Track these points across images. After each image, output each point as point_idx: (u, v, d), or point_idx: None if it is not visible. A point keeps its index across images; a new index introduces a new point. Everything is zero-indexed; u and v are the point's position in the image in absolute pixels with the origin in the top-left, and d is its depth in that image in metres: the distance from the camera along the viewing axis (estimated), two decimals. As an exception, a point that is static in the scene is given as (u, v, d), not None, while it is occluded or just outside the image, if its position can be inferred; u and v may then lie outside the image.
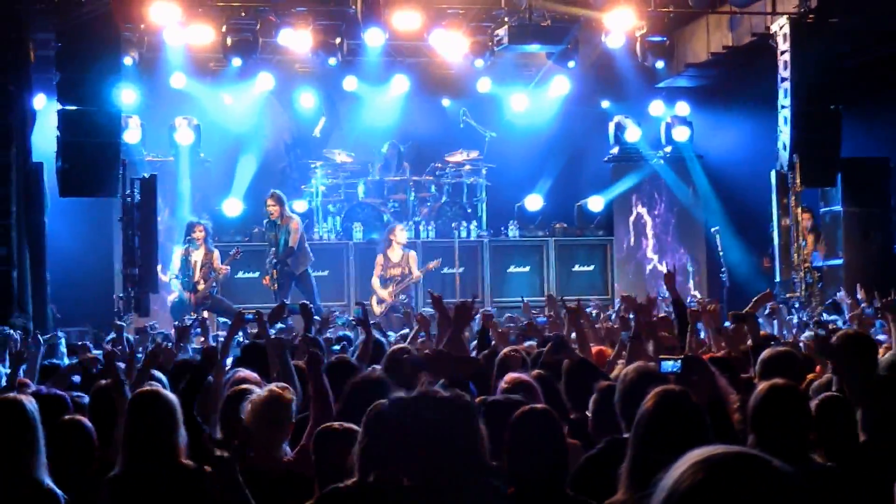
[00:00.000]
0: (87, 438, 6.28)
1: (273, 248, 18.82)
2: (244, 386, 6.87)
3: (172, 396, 5.91)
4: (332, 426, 5.80)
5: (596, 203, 22.18)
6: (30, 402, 5.69)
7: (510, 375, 6.79)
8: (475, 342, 10.64)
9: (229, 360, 8.93)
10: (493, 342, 10.07)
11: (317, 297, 18.51)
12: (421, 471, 5.29)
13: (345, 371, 7.65)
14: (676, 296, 9.66)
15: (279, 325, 12.14)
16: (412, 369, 6.87)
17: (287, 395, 6.25)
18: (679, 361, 5.40)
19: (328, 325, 11.21)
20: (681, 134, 22.06)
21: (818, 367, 8.07)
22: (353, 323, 11.04)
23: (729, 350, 8.74)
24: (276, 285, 18.56)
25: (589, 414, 6.55)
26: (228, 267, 18.97)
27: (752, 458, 2.24)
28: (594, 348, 9.33)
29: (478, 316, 11.21)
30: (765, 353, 7.22)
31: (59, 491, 5.55)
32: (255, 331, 9.74)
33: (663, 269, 18.99)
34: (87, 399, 7.57)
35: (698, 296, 19.68)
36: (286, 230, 18.81)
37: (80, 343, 10.92)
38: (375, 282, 19.61)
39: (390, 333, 13.33)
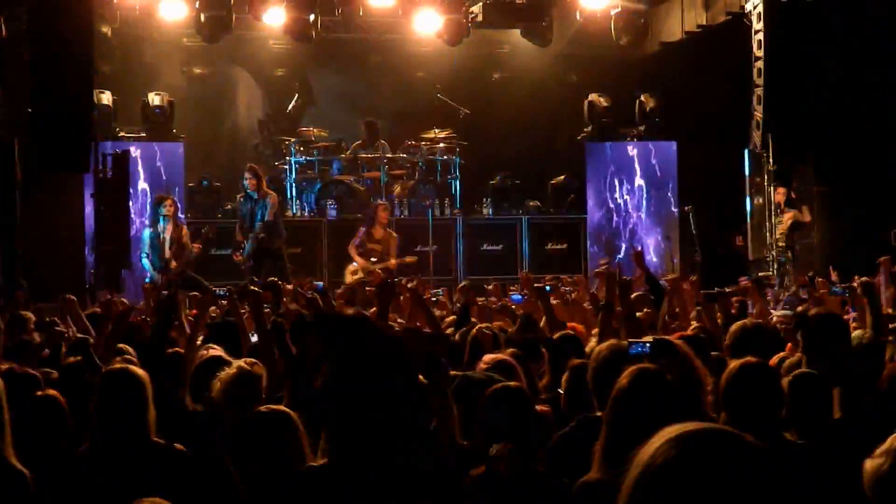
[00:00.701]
0: (61, 414, 6.25)
1: (247, 223, 18.76)
2: (213, 354, 6.86)
3: (142, 373, 5.88)
4: None
5: (569, 182, 22.18)
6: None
7: (489, 356, 6.79)
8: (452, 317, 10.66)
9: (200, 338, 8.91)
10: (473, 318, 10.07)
11: (288, 276, 18.51)
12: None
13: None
14: (648, 271, 9.69)
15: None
16: None
17: (256, 370, 6.23)
18: (648, 344, 5.41)
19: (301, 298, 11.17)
20: (656, 113, 22.06)
21: (788, 346, 8.10)
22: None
23: (700, 327, 8.76)
24: (249, 261, 18.53)
25: (561, 391, 6.58)
26: (201, 245, 18.87)
27: (725, 433, 2.25)
28: (568, 325, 9.33)
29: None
30: (734, 327, 7.24)
31: (24, 469, 5.51)
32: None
33: (634, 246, 19.01)
34: (55, 375, 7.56)
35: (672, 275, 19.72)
36: (263, 204, 18.74)
37: (48, 319, 10.85)
38: (353, 250, 19.49)
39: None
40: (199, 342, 8.23)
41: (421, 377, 5.59)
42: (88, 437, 5.79)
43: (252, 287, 8.83)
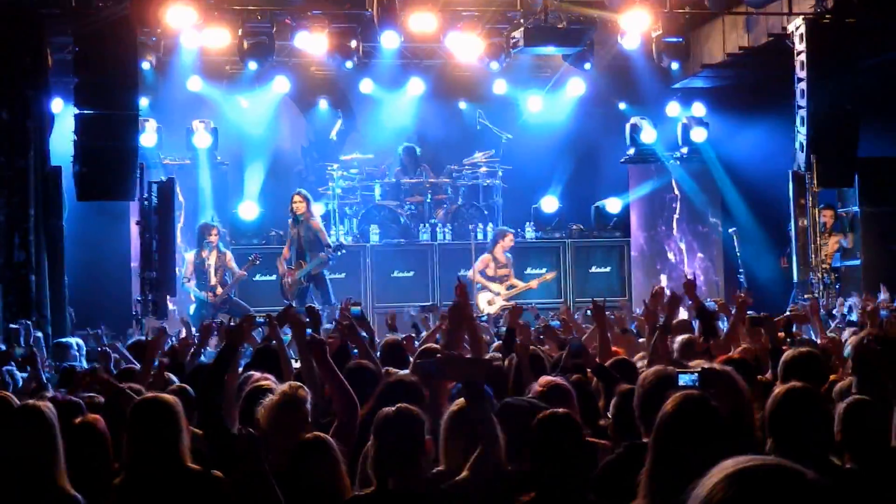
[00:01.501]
0: (101, 441, 6.29)
1: (294, 245, 18.90)
2: (262, 384, 6.86)
3: (174, 400, 5.90)
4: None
5: (613, 205, 22.16)
6: (48, 409, 5.71)
7: (545, 378, 6.77)
8: (497, 342, 10.63)
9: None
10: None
11: (332, 298, 18.58)
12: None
13: (362, 374, 7.66)
14: (699, 303, 9.64)
15: (326, 326, 12.12)
16: (423, 374, 6.87)
17: (301, 393, 6.23)
18: (696, 374, 5.38)
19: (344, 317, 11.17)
20: (698, 135, 22.02)
21: (840, 370, 8.04)
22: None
23: (746, 350, 8.69)
24: (303, 283, 18.68)
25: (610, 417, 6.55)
26: (246, 272, 19.01)
27: (782, 468, 2.22)
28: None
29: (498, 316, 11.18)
30: (786, 355, 7.18)
31: (79, 496, 5.57)
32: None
33: (687, 272, 18.93)
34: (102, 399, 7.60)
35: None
36: (308, 227, 18.91)
37: (99, 349, 10.90)
38: (480, 278, 19.57)
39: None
40: (240, 368, 8.25)
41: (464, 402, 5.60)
42: (123, 466, 5.81)
43: (291, 314, 8.82)
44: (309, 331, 8.00)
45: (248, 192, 21.82)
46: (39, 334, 13.89)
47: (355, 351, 8.97)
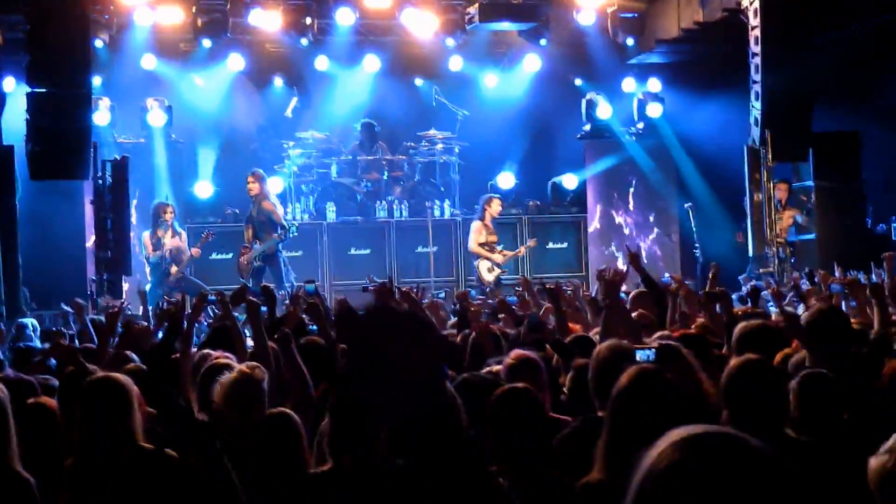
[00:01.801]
0: (52, 422, 6.25)
1: (251, 226, 18.85)
2: (220, 361, 6.83)
3: (126, 379, 5.87)
4: None
5: (570, 181, 22.19)
6: (0, 389, 5.67)
7: (516, 351, 6.77)
8: (452, 321, 10.65)
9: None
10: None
11: (287, 277, 18.55)
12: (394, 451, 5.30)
13: (315, 351, 7.65)
14: (645, 274, 9.67)
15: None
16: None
17: (258, 373, 6.21)
18: (653, 350, 5.40)
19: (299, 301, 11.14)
20: (654, 110, 22.08)
21: (794, 342, 8.07)
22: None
23: (703, 325, 8.73)
24: (257, 263, 18.63)
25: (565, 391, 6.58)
26: (200, 249, 18.93)
27: (729, 436, 2.24)
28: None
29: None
30: (738, 327, 7.21)
31: (30, 478, 5.53)
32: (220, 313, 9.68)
33: (629, 246, 18.98)
34: (56, 382, 7.55)
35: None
36: (260, 208, 18.85)
37: (53, 329, 10.85)
38: (478, 248, 19.52)
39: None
40: (194, 347, 8.22)
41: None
42: (75, 446, 5.77)
43: (245, 293, 8.79)
44: (265, 309, 7.98)
45: (203, 171, 21.71)
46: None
47: (313, 327, 8.95)
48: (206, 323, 11.83)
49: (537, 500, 5.02)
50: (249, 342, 8.27)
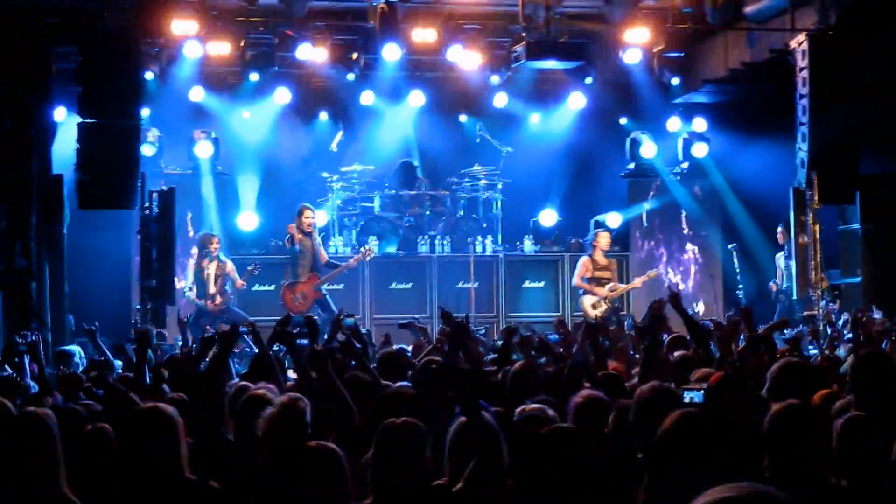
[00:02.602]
0: (109, 449, 6.30)
1: (304, 258, 18.93)
2: (259, 393, 6.87)
3: (172, 410, 5.92)
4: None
5: (613, 219, 22.15)
6: (49, 416, 5.73)
7: (586, 391, 6.75)
8: (491, 357, 10.65)
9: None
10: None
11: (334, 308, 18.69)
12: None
13: (357, 386, 7.68)
14: (686, 314, 9.65)
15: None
16: (423, 385, 6.91)
17: (300, 404, 6.25)
18: (702, 392, 5.37)
19: (339, 329, 11.18)
20: (699, 150, 22.07)
21: (833, 386, 8.03)
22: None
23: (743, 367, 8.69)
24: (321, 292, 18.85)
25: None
26: (245, 282, 19.03)
27: (761, 496, 2.23)
28: (609, 366, 9.31)
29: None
30: (776, 365, 7.16)
31: (78, 501, 5.58)
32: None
33: (671, 285, 18.95)
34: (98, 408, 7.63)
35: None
36: (317, 241, 19.08)
37: (101, 359, 10.94)
38: (581, 282, 19.62)
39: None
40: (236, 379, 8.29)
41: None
42: (121, 474, 5.82)
43: (284, 328, 8.84)
44: (305, 342, 8.03)
45: (247, 203, 21.83)
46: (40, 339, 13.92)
47: (353, 363, 8.98)
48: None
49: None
50: (292, 373, 8.32)
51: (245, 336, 10.99)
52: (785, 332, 12.37)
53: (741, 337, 10.38)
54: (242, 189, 21.97)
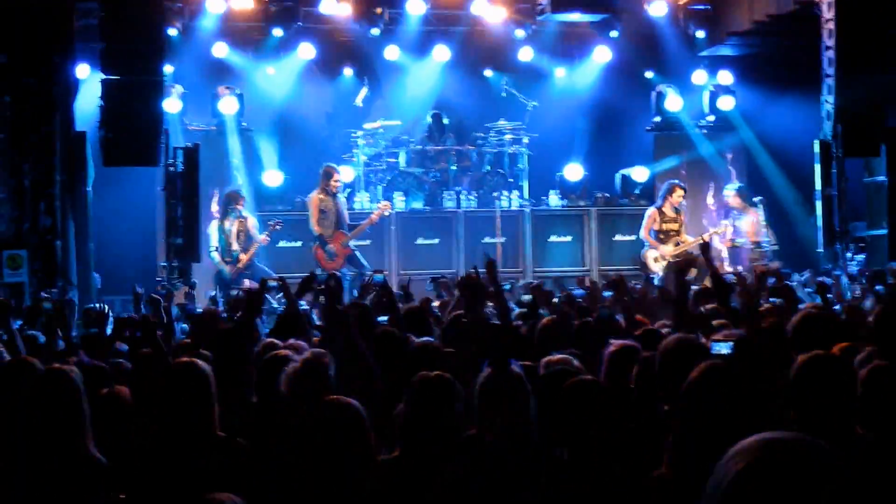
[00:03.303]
0: (124, 411, 6.32)
1: (332, 217, 18.94)
2: (281, 353, 6.86)
3: (207, 367, 5.91)
4: None
5: (640, 173, 22.04)
6: (75, 373, 5.74)
7: (617, 342, 6.75)
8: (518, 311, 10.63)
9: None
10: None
11: (366, 264, 18.77)
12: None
13: (392, 341, 7.67)
14: (713, 268, 9.62)
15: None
16: (450, 339, 6.92)
17: (324, 360, 6.24)
18: (731, 343, 5.34)
19: (370, 290, 11.19)
20: (725, 103, 21.95)
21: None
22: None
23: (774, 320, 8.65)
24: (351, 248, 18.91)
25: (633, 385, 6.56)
26: (269, 237, 19.01)
27: (803, 443, 2.21)
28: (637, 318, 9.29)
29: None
30: (798, 315, 7.09)
31: (104, 460, 5.60)
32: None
33: (703, 236, 18.86)
34: (129, 366, 7.65)
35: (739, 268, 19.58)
36: (341, 202, 19.09)
37: (127, 316, 10.95)
38: (647, 235, 19.49)
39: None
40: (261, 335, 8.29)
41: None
42: (155, 430, 5.82)
43: (312, 282, 8.82)
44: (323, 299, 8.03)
45: (272, 160, 21.81)
46: (72, 298, 13.99)
47: (382, 318, 8.98)
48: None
49: (601, 488, 5.03)
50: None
51: (272, 292, 11.00)
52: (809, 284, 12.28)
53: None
54: (267, 145, 21.95)
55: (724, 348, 5.28)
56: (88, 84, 18.06)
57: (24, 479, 5.49)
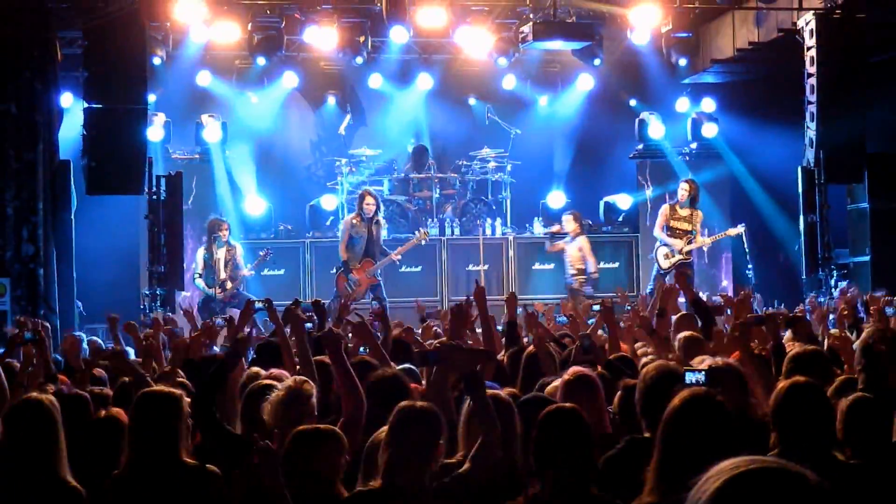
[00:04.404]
0: (122, 433, 6.29)
1: (361, 244, 18.78)
2: (264, 382, 6.83)
3: (179, 394, 5.90)
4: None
5: (624, 201, 22.07)
6: (50, 402, 5.73)
7: (574, 368, 6.76)
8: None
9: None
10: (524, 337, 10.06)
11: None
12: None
13: (365, 370, 7.63)
14: (692, 294, 9.63)
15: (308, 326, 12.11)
16: (421, 362, 6.91)
17: (307, 387, 6.21)
18: (703, 372, 5.36)
19: (347, 312, 11.15)
20: (709, 130, 21.99)
21: (846, 368, 8.00)
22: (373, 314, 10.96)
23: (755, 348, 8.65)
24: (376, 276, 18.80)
25: (612, 411, 6.55)
26: (254, 270, 18.98)
27: (786, 471, 2.21)
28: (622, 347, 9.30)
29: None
30: (791, 352, 7.16)
31: (80, 488, 5.58)
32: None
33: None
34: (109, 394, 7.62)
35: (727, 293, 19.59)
36: (379, 226, 18.93)
37: (111, 348, 10.93)
38: (660, 232, 19.27)
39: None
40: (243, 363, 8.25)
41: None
42: (123, 458, 5.80)
43: (297, 310, 8.77)
44: (310, 326, 8.00)
45: (255, 187, 21.81)
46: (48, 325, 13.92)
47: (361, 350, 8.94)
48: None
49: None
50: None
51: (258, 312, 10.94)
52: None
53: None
54: (250, 174, 21.95)
55: (696, 377, 5.29)
56: (72, 113, 18.06)
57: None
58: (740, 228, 19.14)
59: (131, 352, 11.33)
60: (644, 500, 4.55)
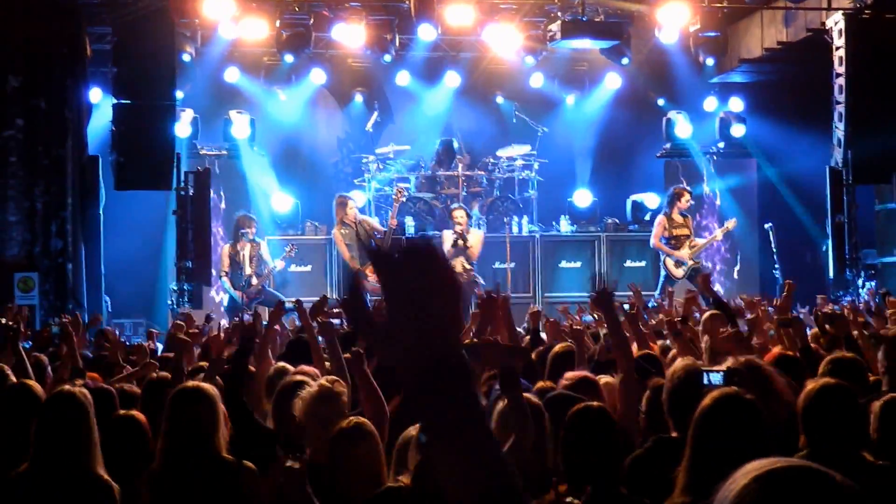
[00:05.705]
0: (142, 435, 6.30)
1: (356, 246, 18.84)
2: (296, 378, 6.84)
3: (214, 391, 5.90)
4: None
5: (651, 200, 22.03)
6: (83, 395, 5.73)
7: (570, 373, 6.77)
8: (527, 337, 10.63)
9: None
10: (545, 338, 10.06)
11: None
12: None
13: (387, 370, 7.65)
14: (716, 296, 9.60)
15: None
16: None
17: (338, 388, 6.22)
18: (721, 374, 5.35)
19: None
20: (737, 130, 21.93)
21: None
22: None
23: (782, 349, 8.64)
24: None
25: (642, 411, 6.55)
26: (283, 262, 18.98)
27: (813, 472, 2.20)
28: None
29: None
30: (828, 358, 7.10)
31: (113, 483, 5.59)
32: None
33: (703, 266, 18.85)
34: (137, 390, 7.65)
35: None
36: (364, 223, 18.96)
37: (136, 343, 10.98)
38: (659, 243, 19.34)
39: None
40: (273, 360, 8.28)
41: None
42: (158, 454, 5.81)
43: (325, 306, 8.80)
44: (337, 322, 8.01)
45: (282, 184, 21.85)
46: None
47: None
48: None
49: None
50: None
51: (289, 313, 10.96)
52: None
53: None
54: (278, 170, 22.00)
55: (715, 379, 5.28)
56: (101, 108, 18.14)
57: (32, 501, 5.49)
58: (729, 225, 19.20)
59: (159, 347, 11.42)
60: (676, 501, 4.55)
